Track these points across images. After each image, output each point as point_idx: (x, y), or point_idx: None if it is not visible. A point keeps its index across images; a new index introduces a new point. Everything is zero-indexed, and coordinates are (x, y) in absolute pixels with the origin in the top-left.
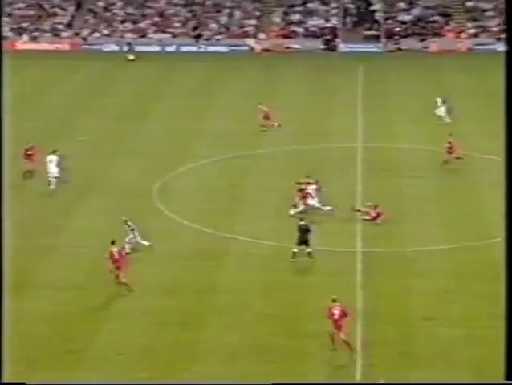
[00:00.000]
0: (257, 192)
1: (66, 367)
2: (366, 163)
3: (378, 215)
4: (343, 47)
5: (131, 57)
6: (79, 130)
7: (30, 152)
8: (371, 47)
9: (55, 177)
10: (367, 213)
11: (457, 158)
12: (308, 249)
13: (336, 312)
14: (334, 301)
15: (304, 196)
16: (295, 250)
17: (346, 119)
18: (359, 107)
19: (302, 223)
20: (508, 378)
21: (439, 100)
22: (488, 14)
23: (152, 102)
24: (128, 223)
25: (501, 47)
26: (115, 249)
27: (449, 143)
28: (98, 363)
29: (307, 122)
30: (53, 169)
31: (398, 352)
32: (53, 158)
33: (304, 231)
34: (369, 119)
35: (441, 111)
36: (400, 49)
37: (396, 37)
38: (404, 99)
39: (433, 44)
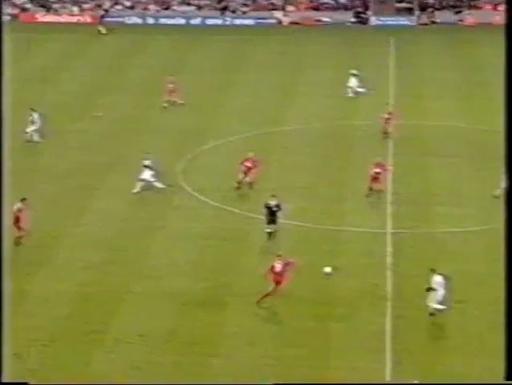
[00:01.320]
0: (283, 171)
1: (86, 349)
2: (398, 141)
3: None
4: (374, 20)
5: (103, 31)
6: (99, 106)
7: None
8: (403, 20)
9: None
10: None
11: (386, 132)
12: (271, 229)
13: (278, 266)
14: (278, 256)
15: None
16: (268, 230)
17: (377, 96)
18: (391, 83)
19: (270, 202)
20: (508, 379)
21: None
22: None
23: (176, 77)
24: (146, 162)
25: None
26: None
27: (389, 114)
28: (118, 345)
29: (336, 98)
30: None
31: (428, 336)
32: None
33: (272, 210)
34: (401, 94)
35: None
36: (433, 22)
37: (430, 9)
38: (437, 73)
39: (469, 17)
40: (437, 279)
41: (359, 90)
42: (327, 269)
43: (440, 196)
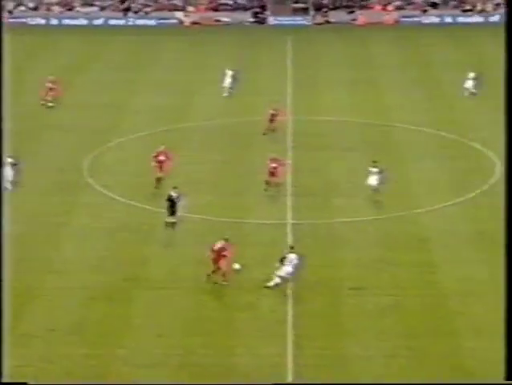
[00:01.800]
0: (187, 166)
1: None
2: (295, 136)
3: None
4: (271, 20)
5: None
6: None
7: None
8: (299, 20)
9: None
10: None
11: (268, 130)
12: (172, 220)
13: (218, 245)
14: (225, 239)
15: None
16: (168, 220)
17: (275, 93)
18: (289, 81)
19: (172, 194)
20: (508, 379)
21: (472, 75)
22: None
23: (79, 76)
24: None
25: (427, 20)
26: None
27: (275, 110)
28: (28, 340)
29: (237, 95)
30: None
31: (328, 322)
32: None
33: (173, 202)
34: (299, 91)
35: (469, 84)
36: (328, 21)
37: (325, 9)
38: (332, 71)
39: (361, 17)
40: (292, 257)
41: (228, 89)
42: (236, 266)
43: (337, 188)
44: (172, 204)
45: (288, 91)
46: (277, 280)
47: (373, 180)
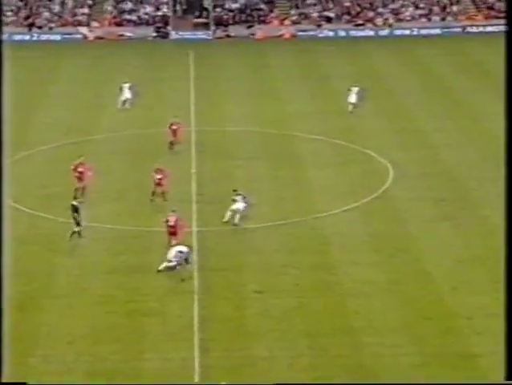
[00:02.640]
0: (95, 177)
1: None
2: (199, 146)
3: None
4: (174, 35)
5: None
6: None
7: None
8: (200, 34)
9: None
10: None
11: (173, 143)
12: (76, 228)
13: (171, 218)
14: (173, 211)
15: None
16: (75, 230)
17: (179, 105)
18: (192, 93)
19: (73, 202)
20: (508, 379)
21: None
22: (309, 1)
23: None
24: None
25: (322, 34)
26: None
27: (175, 124)
28: None
29: (143, 108)
30: None
31: (233, 325)
32: None
33: (74, 210)
34: (202, 103)
35: (352, 98)
36: (228, 36)
37: (225, 24)
38: (233, 83)
39: (259, 31)
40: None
41: (129, 102)
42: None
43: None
44: (76, 212)
45: (191, 102)
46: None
47: (239, 206)
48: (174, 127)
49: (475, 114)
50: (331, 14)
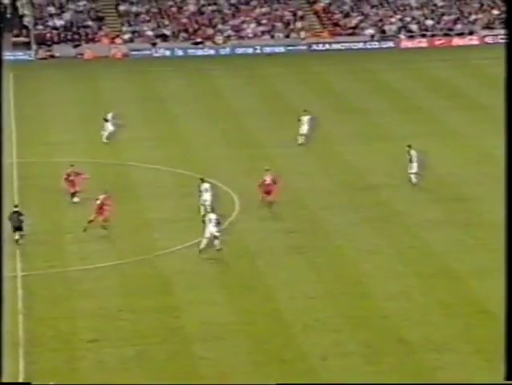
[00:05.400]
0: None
1: None
2: (22, 179)
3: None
4: None
5: None
6: None
7: None
8: (21, 55)
9: None
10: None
11: (75, 192)
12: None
13: (267, 178)
14: (266, 170)
15: None
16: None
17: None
18: (12, 121)
19: (14, 209)
20: (508, 379)
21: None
22: (142, 17)
23: None
24: None
25: (157, 53)
26: None
27: (70, 174)
28: None
29: None
30: None
31: (63, 380)
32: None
33: (19, 218)
34: (24, 133)
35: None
36: (52, 56)
37: (48, 43)
38: (59, 109)
39: (88, 51)
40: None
41: None
42: None
43: (72, 233)
44: (17, 220)
45: (12, 131)
46: (204, 242)
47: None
48: (72, 178)
49: (325, 136)
50: (167, 32)
